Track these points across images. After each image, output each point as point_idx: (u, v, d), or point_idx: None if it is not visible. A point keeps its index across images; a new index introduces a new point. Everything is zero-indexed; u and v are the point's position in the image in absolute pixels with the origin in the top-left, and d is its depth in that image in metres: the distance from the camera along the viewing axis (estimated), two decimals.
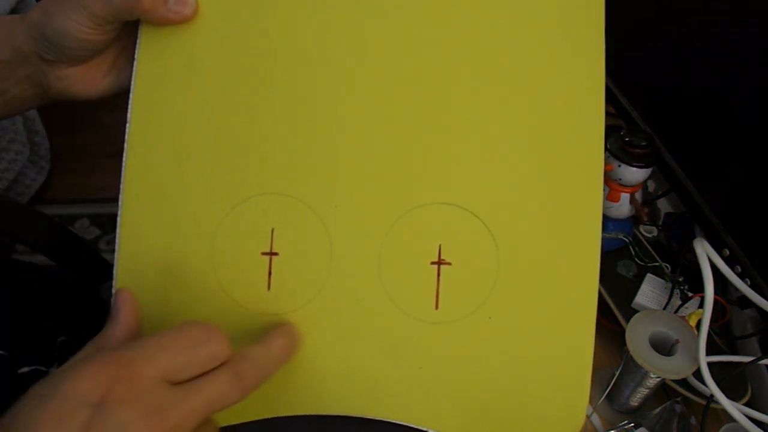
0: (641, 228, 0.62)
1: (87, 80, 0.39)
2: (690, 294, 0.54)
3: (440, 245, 0.36)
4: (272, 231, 0.37)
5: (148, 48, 0.37)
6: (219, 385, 0.28)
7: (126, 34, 0.38)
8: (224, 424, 0.35)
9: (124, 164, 0.37)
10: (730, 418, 0.45)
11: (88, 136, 1.52)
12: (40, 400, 0.25)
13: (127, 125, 0.37)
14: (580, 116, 0.36)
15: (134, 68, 0.37)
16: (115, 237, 0.37)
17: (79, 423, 0.24)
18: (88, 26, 0.35)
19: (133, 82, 0.37)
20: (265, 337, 0.33)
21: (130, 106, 0.37)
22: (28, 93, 0.40)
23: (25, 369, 0.49)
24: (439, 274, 0.36)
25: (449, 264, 0.36)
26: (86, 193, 1.45)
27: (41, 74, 0.38)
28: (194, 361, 0.28)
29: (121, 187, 0.37)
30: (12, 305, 0.55)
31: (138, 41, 0.37)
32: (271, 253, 0.37)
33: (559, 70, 0.36)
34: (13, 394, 0.25)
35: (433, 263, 0.36)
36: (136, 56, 0.37)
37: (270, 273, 0.36)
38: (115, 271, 0.37)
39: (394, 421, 0.37)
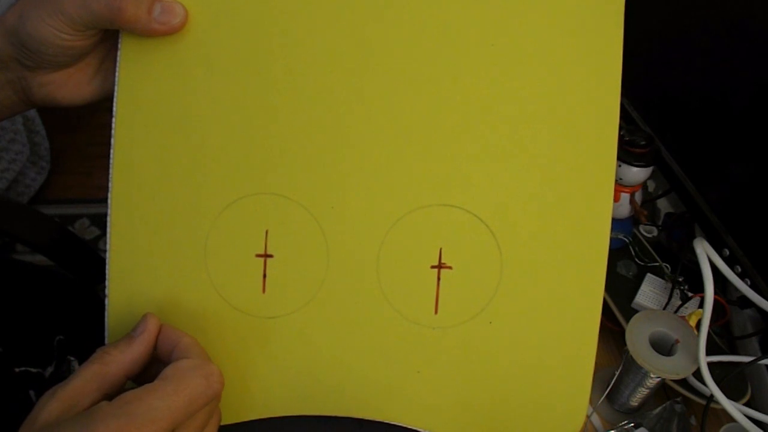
0: (641, 228, 0.61)
1: (71, 86, 0.37)
2: (690, 294, 0.54)
3: (441, 248, 0.35)
4: (266, 232, 0.36)
5: (132, 49, 0.35)
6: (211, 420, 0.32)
7: (111, 36, 0.36)
8: (223, 423, 0.35)
9: (111, 166, 0.36)
10: (730, 418, 0.44)
11: (88, 136, 1.52)
12: None
13: (112, 128, 0.35)
14: (592, 120, 0.34)
15: (116, 70, 0.35)
16: None
17: None
18: (66, 32, 0.33)
19: (116, 86, 0.35)
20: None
21: (114, 108, 0.35)
22: (12, 98, 0.38)
23: (16, 369, 0.49)
24: (439, 278, 0.36)
25: (450, 268, 0.36)
26: (86, 193, 1.45)
27: (23, 80, 0.37)
28: (194, 410, 0.30)
29: (109, 188, 0.36)
30: (11, 305, 0.55)
31: (120, 42, 0.35)
32: (266, 255, 0.36)
33: (571, 72, 0.34)
34: (7, 392, 0.25)
35: (433, 267, 0.36)
36: (118, 58, 0.35)
37: (265, 275, 0.36)
38: (107, 274, 0.36)
39: (392, 423, 0.37)
